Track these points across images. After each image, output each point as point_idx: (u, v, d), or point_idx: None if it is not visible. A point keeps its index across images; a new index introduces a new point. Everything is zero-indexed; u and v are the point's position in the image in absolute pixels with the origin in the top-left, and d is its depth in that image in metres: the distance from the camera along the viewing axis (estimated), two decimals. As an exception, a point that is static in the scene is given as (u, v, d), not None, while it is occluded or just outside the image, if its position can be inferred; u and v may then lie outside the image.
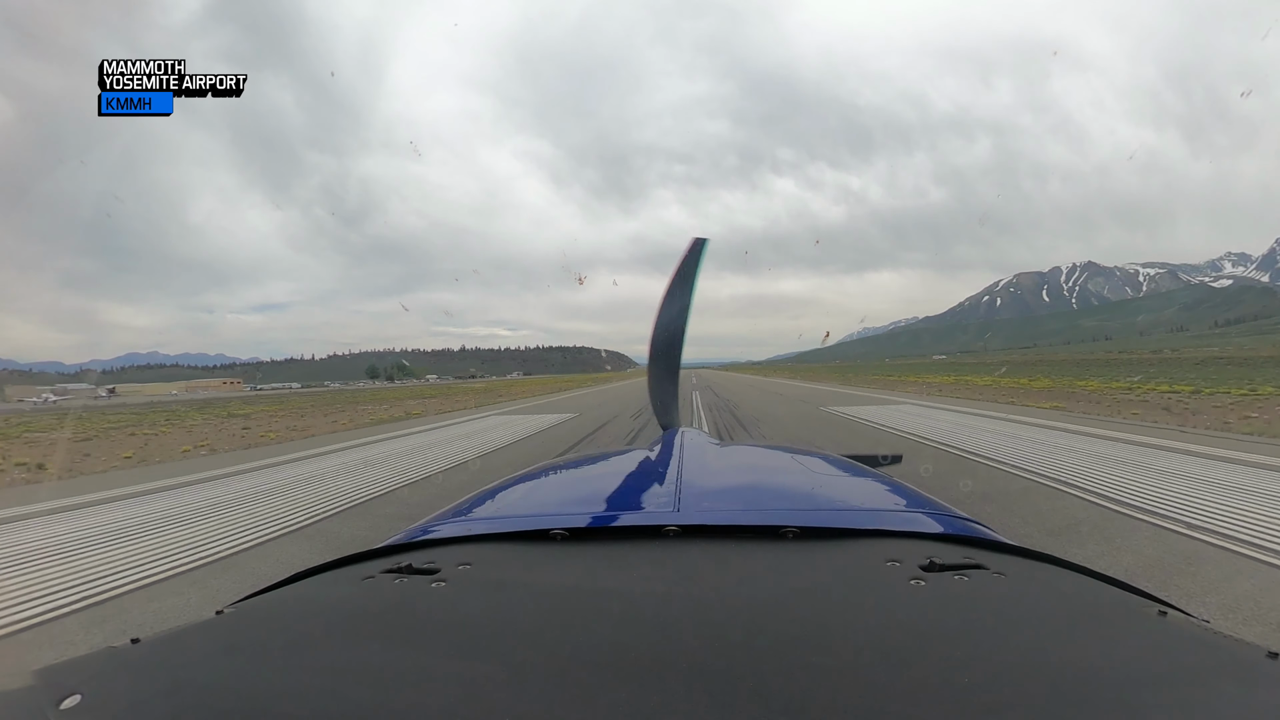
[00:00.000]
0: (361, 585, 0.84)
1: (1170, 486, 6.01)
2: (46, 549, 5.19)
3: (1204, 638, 0.62)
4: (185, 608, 3.74)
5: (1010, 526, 4.90)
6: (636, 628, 0.64)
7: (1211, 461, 7.34)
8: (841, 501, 1.31)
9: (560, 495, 1.51)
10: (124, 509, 6.88)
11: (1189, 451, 8.14)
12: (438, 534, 1.08)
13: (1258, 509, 5.03)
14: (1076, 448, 8.79)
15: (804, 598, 0.72)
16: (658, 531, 0.94)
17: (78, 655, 0.66)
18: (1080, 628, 0.65)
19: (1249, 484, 6.02)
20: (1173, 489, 5.90)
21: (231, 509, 6.57)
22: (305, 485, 7.98)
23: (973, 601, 0.71)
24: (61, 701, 0.53)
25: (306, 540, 5.24)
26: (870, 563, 0.83)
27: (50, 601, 3.90)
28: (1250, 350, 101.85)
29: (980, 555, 0.85)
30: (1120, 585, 0.79)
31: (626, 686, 0.52)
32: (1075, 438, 9.90)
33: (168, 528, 5.78)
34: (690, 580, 0.78)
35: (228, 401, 50.83)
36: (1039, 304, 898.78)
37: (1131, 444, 9.00)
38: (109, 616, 3.67)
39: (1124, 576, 0.84)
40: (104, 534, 5.65)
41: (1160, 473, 6.76)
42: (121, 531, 5.72)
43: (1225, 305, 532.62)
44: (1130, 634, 0.64)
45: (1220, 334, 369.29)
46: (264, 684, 0.57)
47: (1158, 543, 4.31)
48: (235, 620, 0.75)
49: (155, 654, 0.66)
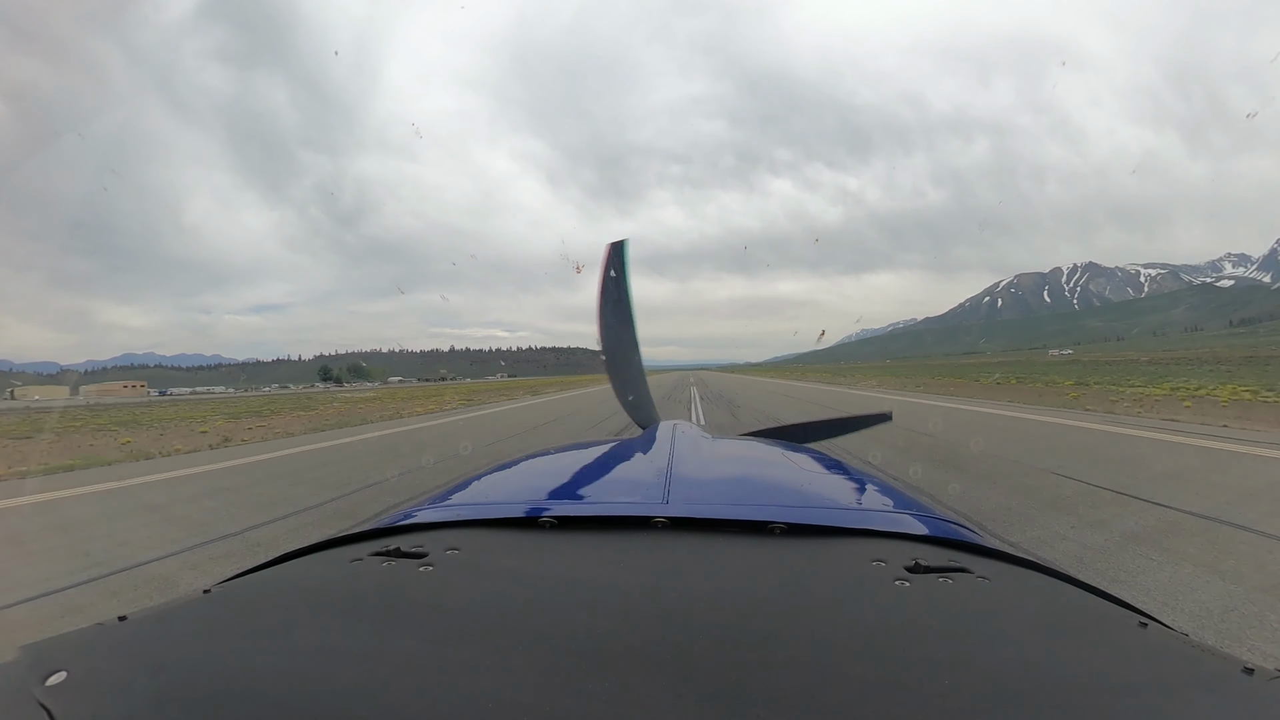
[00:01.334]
0: (349, 567, 0.84)
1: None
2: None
3: (1182, 650, 0.62)
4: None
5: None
6: (622, 618, 0.64)
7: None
8: (830, 499, 1.30)
9: (549, 483, 1.48)
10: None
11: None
12: (426, 518, 1.07)
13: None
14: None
15: (789, 594, 0.72)
16: (646, 523, 0.94)
17: (63, 631, 0.66)
18: (1061, 635, 0.65)
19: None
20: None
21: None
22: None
23: (956, 604, 0.71)
24: (47, 678, 0.53)
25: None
26: (856, 562, 0.83)
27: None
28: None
29: (965, 559, 0.85)
30: (1103, 595, 0.79)
31: (610, 676, 0.52)
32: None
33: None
34: (677, 572, 0.78)
35: (93, 409, 43.58)
36: (1040, 305, 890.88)
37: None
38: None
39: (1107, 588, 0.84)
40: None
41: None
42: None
43: (1233, 305, 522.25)
44: (1110, 643, 0.64)
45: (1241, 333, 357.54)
46: (251, 663, 0.57)
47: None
48: (223, 599, 0.75)
49: (142, 631, 0.65)
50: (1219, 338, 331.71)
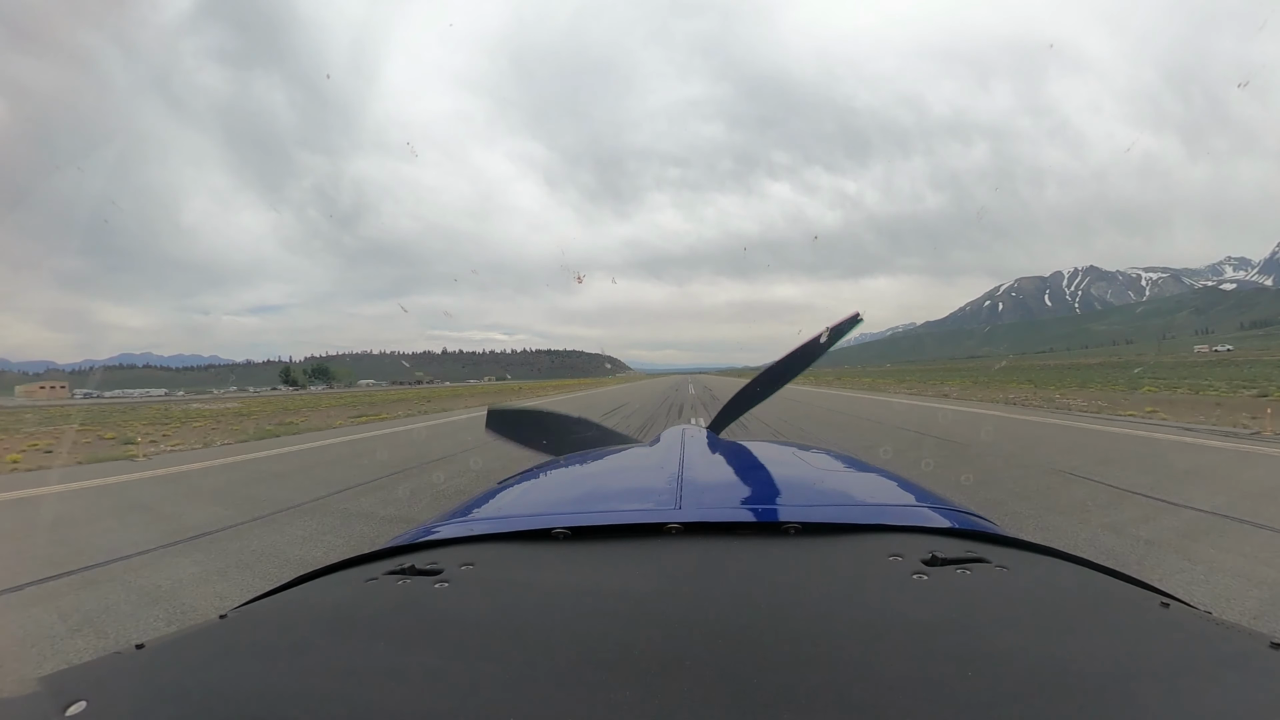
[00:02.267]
0: (365, 587, 0.83)
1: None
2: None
3: (1206, 629, 0.62)
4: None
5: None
6: (640, 626, 0.64)
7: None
8: (843, 496, 1.30)
9: (562, 494, 1.50)
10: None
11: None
12: (440, 534, 1.08)
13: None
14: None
15: (807, 593, 0.72)
16: (660, 529, 0.94)
17: (81, 661, 0.65)
18: (1083, 620, 0.65)
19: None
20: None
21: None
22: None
23: (975, 595, 0.70)
24: (67, 708, 0.52)
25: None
26: (872, 557, 0.82)
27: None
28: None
29: (982, 549, 0.85)
30: (1123, 577, 0.78)
31: (631, 686, 0.51)
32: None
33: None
34: (693, 578, 0.78)
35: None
36: (1041, 308, 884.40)
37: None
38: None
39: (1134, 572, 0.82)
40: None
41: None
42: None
43: (1239, 308, 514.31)
44: (1133, 626, 0.64)
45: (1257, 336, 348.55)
46: (270, 688, 0.56)
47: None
48: (239, 624, 0.74)
49: (160, 659, 0.65)
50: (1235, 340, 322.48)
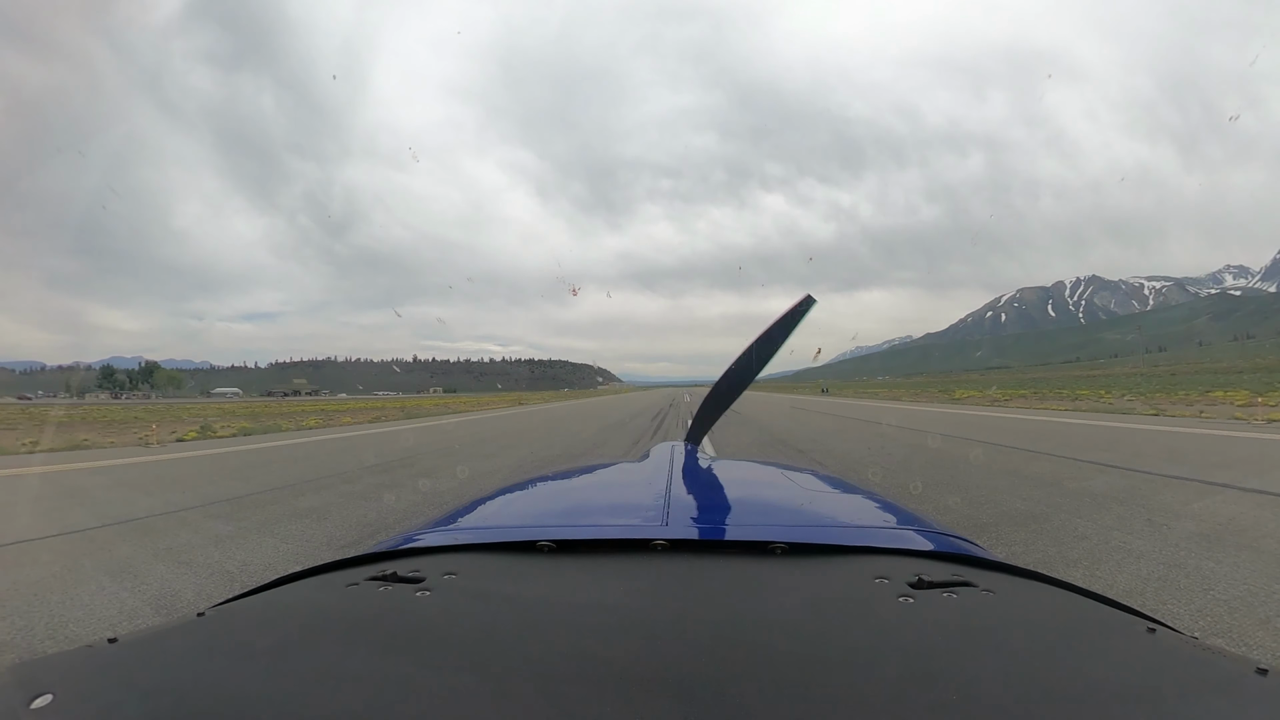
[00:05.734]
0: (346, 591, 0.83)
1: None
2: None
3: (1193, 654, 0.62)
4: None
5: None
6: (622, 642, 0.63)
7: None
8: (830, 518, 1.30)
9: (548, 507, 1.50)
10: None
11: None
12: (423, 542, 1.08)
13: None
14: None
15: (791, 614, 0.72)
16: (645, 545, 0.94)
17: (52, 653, 0.64)
18: (1069, 645, 0.65)
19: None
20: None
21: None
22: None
23: (961, 619, 0.70)
24: (33, 700, 0.51)
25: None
26: (858, 579, 0.82)
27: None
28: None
29: (969, 573, 0.85)
30: (1109, 603, 0.78)
31: (611, 701, 0.51)
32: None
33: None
34: (677, 595, 0.78)
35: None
36: (1044, 319, 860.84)
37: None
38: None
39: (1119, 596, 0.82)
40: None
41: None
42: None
43: (1260, 314, 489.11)
44: (1119, 651, 0.64)
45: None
46: (244, 688, 0.55)
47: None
48: (216, 622, 0.73)
49: (132, 654, 0.64)
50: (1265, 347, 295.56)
